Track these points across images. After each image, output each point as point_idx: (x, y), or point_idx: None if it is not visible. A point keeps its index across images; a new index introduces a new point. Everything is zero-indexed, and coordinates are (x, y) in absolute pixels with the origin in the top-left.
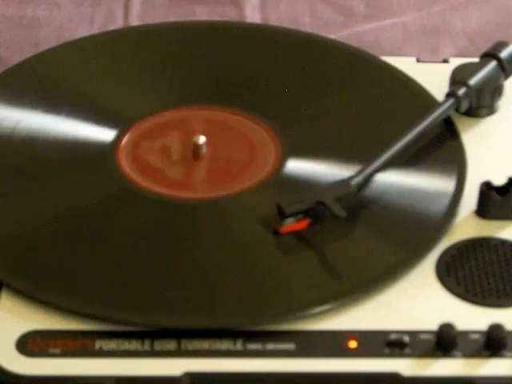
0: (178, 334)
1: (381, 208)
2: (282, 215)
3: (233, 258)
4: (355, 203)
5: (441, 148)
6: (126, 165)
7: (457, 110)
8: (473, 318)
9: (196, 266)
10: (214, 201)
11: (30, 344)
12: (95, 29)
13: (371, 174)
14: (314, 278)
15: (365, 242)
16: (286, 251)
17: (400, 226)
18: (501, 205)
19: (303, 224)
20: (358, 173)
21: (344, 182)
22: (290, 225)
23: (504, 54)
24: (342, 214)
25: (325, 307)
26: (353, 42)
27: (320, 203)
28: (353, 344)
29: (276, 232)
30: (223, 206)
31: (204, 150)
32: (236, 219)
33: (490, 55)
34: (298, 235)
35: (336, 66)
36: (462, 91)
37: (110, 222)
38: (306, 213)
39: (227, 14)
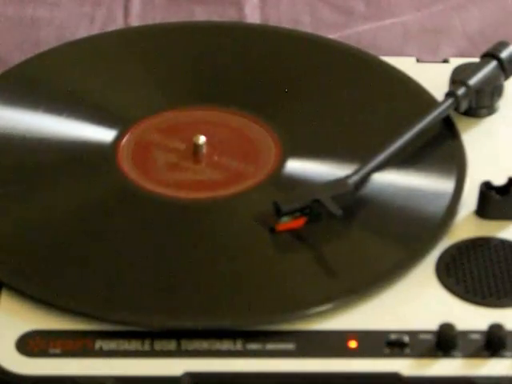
0: (178, 334)
1: (382, 208)
2: (278, 213)
3: (233, 258)
4: (353, 202)
5: (441, 148)
6: (126, 165)
7: (456, 109)
8: (473, 318)
9: (196, 266)
10: (213, 201)
11: (30, 344)
12: (95, 29)
13: (368, 173)
14: (313, 278)
15: (365, 241)
16: (286, 252)
17: (400, 226)
18: (501, 205)
19: (300, 222)
20: (356, 171)
21: (341, 181)
22: (287, 223)
23: (504, 54)
24: (338, 212)
25: (325, 307)
26: (353, 42)
27: (316, 201)
28: (353, 344)
29: (272, 230)
30: (223, 206)
31: (204, 150)
32: (236, 219)
33: (490, 55)
34: (298, 235)
35: (336, 65)
36: (461, 91)
37: (109, 222)
38: (302, 211)
39: (227, 14)
